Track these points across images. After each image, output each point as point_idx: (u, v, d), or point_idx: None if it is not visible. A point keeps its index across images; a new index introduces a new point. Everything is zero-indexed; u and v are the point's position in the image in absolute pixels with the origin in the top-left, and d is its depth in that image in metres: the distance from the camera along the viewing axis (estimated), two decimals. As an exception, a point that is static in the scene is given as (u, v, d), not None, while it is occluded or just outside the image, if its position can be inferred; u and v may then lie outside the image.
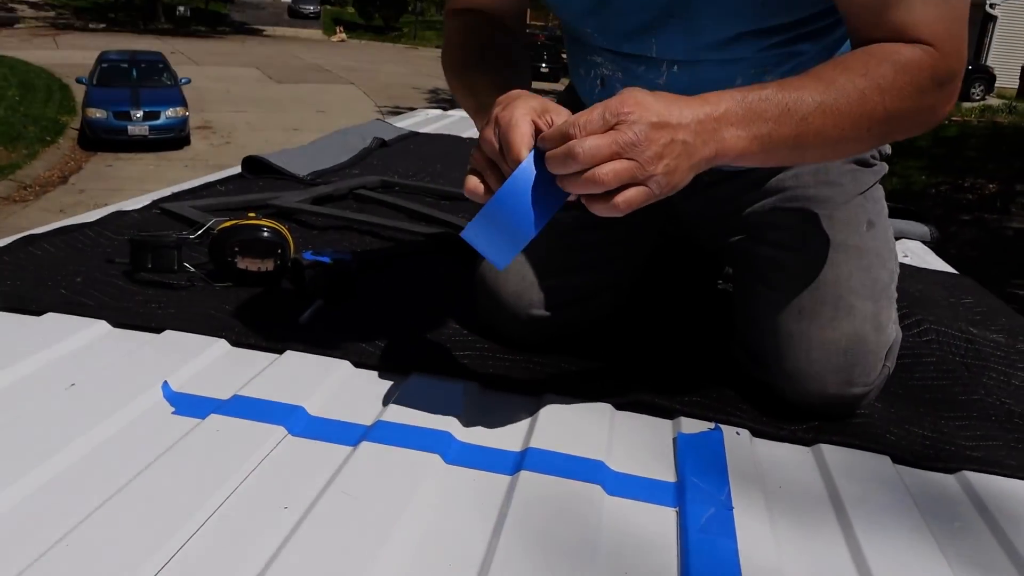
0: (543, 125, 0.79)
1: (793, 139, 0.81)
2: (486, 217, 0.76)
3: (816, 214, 1.09)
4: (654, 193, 0.75)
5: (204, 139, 14.68)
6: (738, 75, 1.03)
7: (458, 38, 1.10)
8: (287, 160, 2.20)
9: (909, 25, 0.85)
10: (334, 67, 25.21)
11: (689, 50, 1.01)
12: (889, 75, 0.83)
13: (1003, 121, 17.85)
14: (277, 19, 42.03)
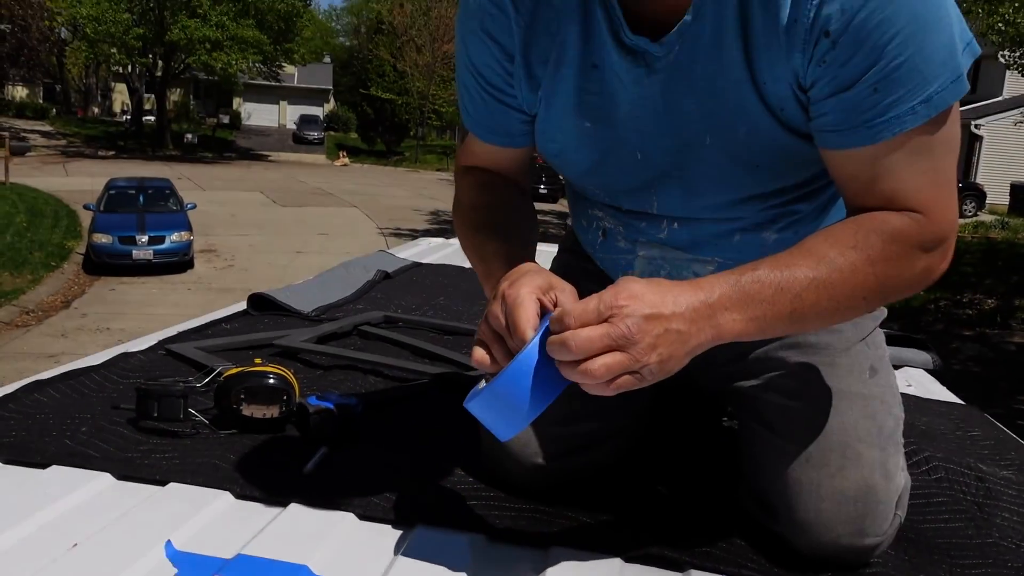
0: (548, 303, 0.82)
1: (789, 316, 0.83)
2: (492, 393, 0.78)
3: (818, 361, 1.10)
4: (647, 380, 0.77)
5: (208, 262, 14.90)
6: (737, 231, 1.05)
7: (468, 198, 1.14)
8: (292, 296, 2.22)
9: (899, 193, 0.87)
10: (337, 191, 25.82)
11: (688, 209, 1.05)
12: (878, 245, 0.85)
13: (997, 237, 18.13)
14: (282, 145, 43.29)
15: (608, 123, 1.00)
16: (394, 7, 38.26)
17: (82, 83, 49.94)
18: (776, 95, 0.90)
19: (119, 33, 31.33)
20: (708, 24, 0.89)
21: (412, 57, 36.25)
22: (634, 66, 0.94)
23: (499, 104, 1.07)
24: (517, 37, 1.00)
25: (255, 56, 34.66)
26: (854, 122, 0.86)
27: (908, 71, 0.82)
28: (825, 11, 0.82)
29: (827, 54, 0.84)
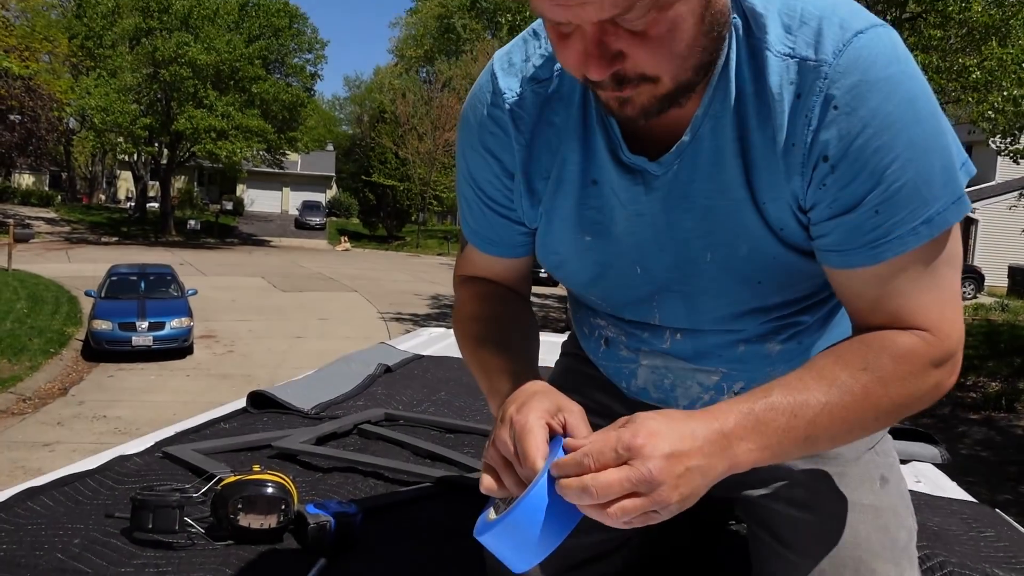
0: (557, 427, 0.81)
1: (803, 441, 0.82)
2: (504, 527, 0.76)
3: (828, 470, 1.08)
4: (665, 517, 0.76)
5: (207, 348, 14.87)
6: (740, 342, 1.05)
7: (469, 309, 1.13)
8: (291, 393, 2.20)
9: (904, 312, 0.87)
10: (338, 275, 25.97)
11: (691, 321, 1.04)
12: (888, 366, 0.85)
13: (997, 319, 18.13)
14: (284, 230, 43.80)
15: (608, 238, 1.00)
16: (396, 97, 39.19)
17: (88, 171, 50.81)
18: (777, 215, 0.90)
19: (126, 123, 32.07)
20: (706, 144, 0.90)
21: (414, 145, 36.94)
22: (633, 184, 0.95)
23: (499, 217, 1.07)
24: (518, 156, 1.00)
25: (259, 144, 35.40)
26: (857, 243, 0.86)
27: (909, 194, 0.83)
28: (823, 136, 0.83)
29: (827, 178, 0.85)
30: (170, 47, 32.03)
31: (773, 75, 0.85)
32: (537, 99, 0.98)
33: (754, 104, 0.87)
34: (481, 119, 1.02)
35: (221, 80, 33.88)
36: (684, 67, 0.80)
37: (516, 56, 1.01)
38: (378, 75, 57.04)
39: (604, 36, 0.76)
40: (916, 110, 0.83)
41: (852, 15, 0.84)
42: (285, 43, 38.50)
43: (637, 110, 0.83)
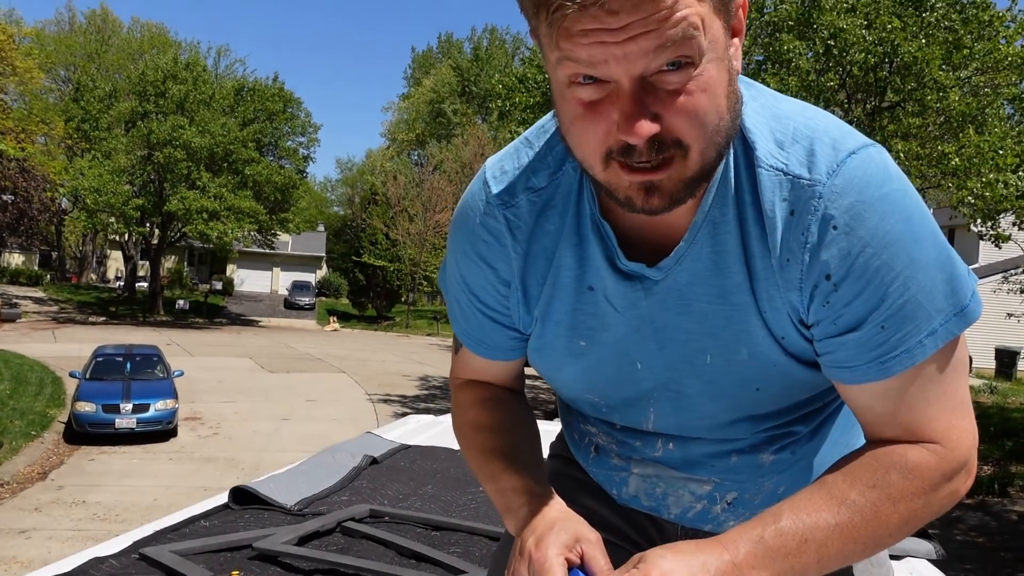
0: (575, 559, 0.83)
1: (816, 564, 0.82)
2: None
3: None
4: None
5: (192, 430, 14.65)
6: (733, 452, 1.03)
7: (471, 416, 1.12)
8: (275, 488, 2.16)
9: (915, 424, 0.87)
10: (326, 356, 25.82)
11: (684, 428, 1.02)
12: (899, 483, 0.84)
13: (987, 402, 18.11)
14: (273, 310, 43.74)
15: (603, 343, 0.99)
16: (388, 179, 39.73)
17: (78, 250, 50.90)
18: (777, 324, 0.90)
19: (119, 204, 32.28)
20: (706, 249, 0.90)
21: (405, 226, 37.27)
22: (631, 290, 0.94)
23: (493, 323, 1.06)
24: (515, 264, 0.99)
25: (251, 225, 35.64)
26: (865, 359, 0.86)
27: (913, 308, 0.83)
28: (824, 255, 0.84)
29: (830, 295, 0.85)
30: (165, 130, 32.50)
31: (766, 190, 0.86)
32: (533, 207, 0.97)
33: (752, 213, 0.87)
34: (475, 228, 1.00)
35: (215, 162, 34.28)
36: (712, 142, 0.79)
37: (509, 164, 1.00)
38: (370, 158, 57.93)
39: (643, 95, 0.75)
40: (913, 227, 0.84)
41: (843, 135, 0.86)
42: (279, 126, 39.17)
43: (665, 197, 0.81)
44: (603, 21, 0.70)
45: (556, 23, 0.72)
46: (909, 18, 14.79)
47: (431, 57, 59.03)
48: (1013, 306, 16.85)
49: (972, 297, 0.87)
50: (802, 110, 0.89)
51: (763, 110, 0.89)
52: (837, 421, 1.08)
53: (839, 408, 1.08)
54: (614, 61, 0.72)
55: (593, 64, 0.73)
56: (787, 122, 0.87)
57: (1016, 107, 16.64)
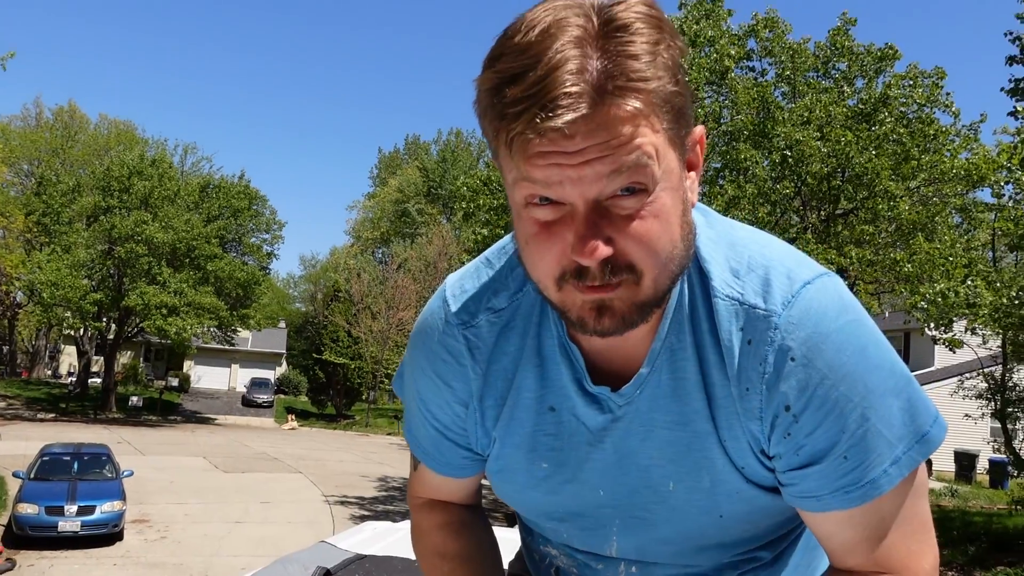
0: None
1: None
2: None
3: None
4: None
5: (139, 533, 14.09)
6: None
7: (433, 542, 1.11)
8: (220, 604, 2.04)
9: (879, 554, 0.87)
10: (283, 455, 25.21)
11: (649, 553, 1.00)
12: None
13: (948, 505, 18.13)
14: (230, 408, 42.88)
15: (567, 465, 0.97)
16: (351, 276, 39.76)
17: (31, 344, 49.79)
18: (738, 452, 0.90)
19: (76, 298, 31.81)
20: (665, 376, 0.90)
21: (367, 323, 37.10)
22: (600, 412, 0.94)
23: (448, 441, 1.04)
24: (474, 384, 0.98)
25: (211, 321, 35.24)
26: (829, 489, 0.86)
27: (874, 438, 0.84)
28: (783, 387, 0.84)
29: (791, 427, 0.85)
30: (128, 225, 32.39)
31: (723, 319, 0.86)
32: (493, 328, 0.97)
33: (710, 340, 0.88)
34: (434, 346, 1.00)
35: (176, 257, 34.13)
36: (665, 270, 0.80)
37: (469, 283, 1.00)
38: (334, 255, 58.12)
39: (597, 218, 0.75)
40: (868, 358, 0.84)
41: (798, 264, 0.87)
42: (244, 223, 39.27)
43: (615, 320, 0.80)
44: (560, 144, 0.71)
45: (514, 145, 0.73)
46: (861, 131, 15.44)
47: (397, 158, 60.12)
48: (970, 408, 17.06)
49: (935, 423, 0.87)
50: (756, 238, 0.91)
51: (718, 238, 0.90)
52: (798, 546, 1.07)
53: (802, 533, 1.07)
54: (569, 184, 0.73)
55: (549, 186, 0.74)
56: (742, 250, 0.89)
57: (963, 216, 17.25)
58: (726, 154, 16.82)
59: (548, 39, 0.71)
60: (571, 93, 0.70)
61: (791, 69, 16.91)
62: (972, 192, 17.01)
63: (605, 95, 0.70)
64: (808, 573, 1.11)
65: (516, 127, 0.72)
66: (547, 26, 0.72)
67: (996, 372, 15.51)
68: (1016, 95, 13.22)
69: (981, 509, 17.57)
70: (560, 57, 0.70)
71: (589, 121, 0.70)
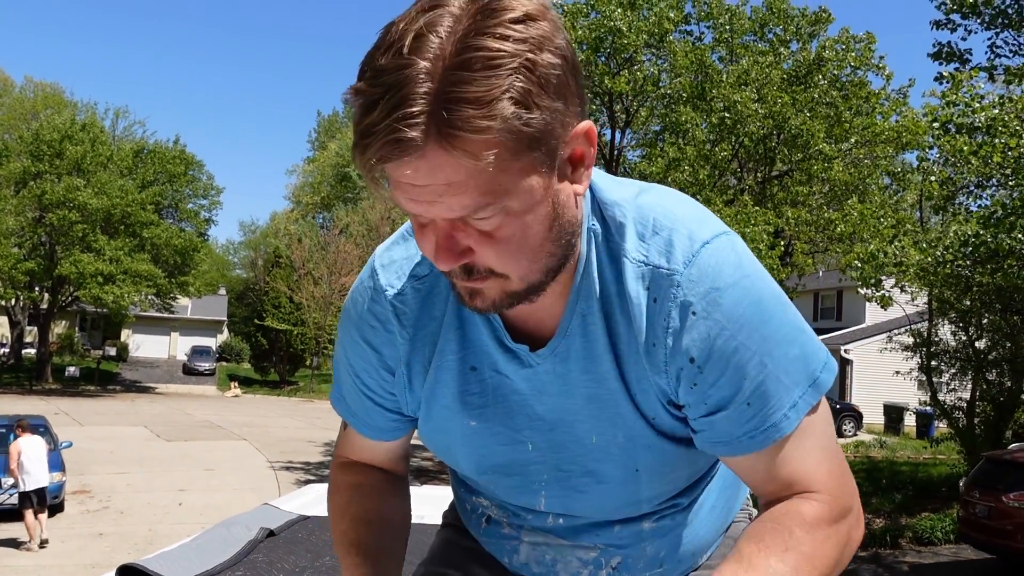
0: None
1: None
2: None
3: None
4: None
5: (80, 504, 13.91)
6: (617, 523, 1.10)
7: (343, 501, 1.14)
8: (164, 565, 2.09)
9: (797, 477, 0.94)
10: (226, 423, 24.99)
11: (574, 509, 1.08)
12: (806, 539, 0.89)
13: (877, 456, 18.83)
14: (171, 376, 42.19)
15: (494, 421, 1.03)
16: (292, 242, 39.19)
17: (-40, 315, 48.22)
18: (648, 405, 0.97)
19: (6, 268, 30.82)
20: (577, 340, 0.96)
21: (309, 289, 36.69)
22: (520, 367, 1.00)
23: (376, 406, 1.10)
24: (401, 350, 1.04)
25: (148, 289, 34.47)
26: (736, 434, 0.93)
27: (773, 384, 0.91)
28: (685, 340, 0.91)
29: (696, 377, 0.92)
30: (59, 191, 31.38)
31: (630, 280, 0.92)
32: (418, 295, 1.02)
33: (618, 303, 0.94)
34: (362, 314, 1.05)
35: (111, 224, 33.21)
36: (532, 269, 0.86)
37: (396, 253, 1.05)
38: (274, 220, 57.19)
39: (454, 231, 0.81)
40: (764, 309, 0.91)
41: (700, 224, 0.93)
42: (180, 189, 38.36)
43: (487, 303, 0.88)
44: (407, 178, 0.76)
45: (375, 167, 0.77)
46: (796, 93, 15.69)
47: (337, 121, 59.06)
48: (899, 364, 17.68)
49: (824, 368, 0.94)
50: (663, 201, 0.96)
51: (627, 203, 0.95)
52: (713, 488, 1.16)
53: (716, 477, 1.16)
54: (423, 208, 0.79)
55: (408, 204, 0.79)
56: (648, 214, 0.94)
57: (893, 178, 17.72)
58: (666, 117, 16.96)
59: (400, 68, 0.72)
60: (408, 140, 0.72)
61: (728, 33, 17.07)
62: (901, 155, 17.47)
63: (443, 139, 0.72)
64: (724, 513, 1.20)
65: (368, 156, 0.75)
66: (403, 48, 0.73)
67: (923, 328, 16.07)
68: (940, 59, 13.57)
69: (908, 459, 18.31)
70: (404, 94, 0.72)
71: (426, 164, 0.74)
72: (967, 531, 11.55)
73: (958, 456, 15.57)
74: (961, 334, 15.22)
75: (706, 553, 1.20)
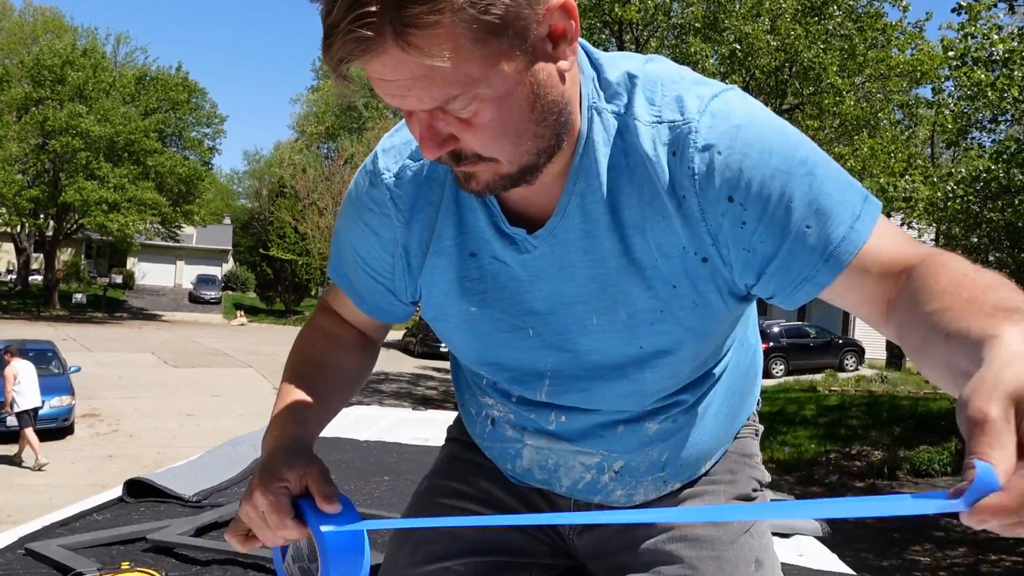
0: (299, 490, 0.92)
1: None
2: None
3: (707, 555, 1.11)
4: None
5: (90, 427, 14.11)
6: (620, 423, 1.09)
7: (308, 340, 1.17)
8: (172, 479, 2.12)
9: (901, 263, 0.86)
10: (232, 351, 25.22)
11: (576, 399, 1.07)
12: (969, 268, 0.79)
13: (878, 390, 18.97)
14: (177, 304, 42.44)
15: (493, 307, 1.04)
16: (297, 172, 38.90)
17: (-35, 242, 48.30)
18: (667, 273, 0.95)
19: (10, 195, 30.72)
20: (576, 220, 0.95)
21: (314, 220, 36.54)
22: (518, 252, 1.00)
23: (375, 283, 1.11)
24: (399, 233, 1.05)
25: (153, 218, 34.44)
26: (811, 262, 0.89)
27: (827, 201, 0.88)
28: (717, 181, 0.89)
29: (742, 215, 0.89)
30: (62, 118, 31.08)
31: (646, 141, 0.91)
32: (415, 179, 1.03)
33: (626, 175, 0.93)
34: (361, 196, 1.07)
35: (115, 152, 32.98)
36: (520, 151, 0.86)
37: (398, 138, 1.06)
38: (278, 150, 56.59)
39: (434, 121, 0.82)
40: (789, 137, 0.90)
41: (707, 84, 0.93)
42: (183, 117, 37.99)
43: (481, 186, 0.89)
44: (377, 73, 0.77)
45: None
46: (810, 25, 15.35)
47: (342, 49, 57.91)
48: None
49: (869, 194, 0.92)
50: (669, 67, 0.96)
51: (633, 73, 0.95)
52: (718, 392, 1.14)
53: (721, 381, 1.15)
54: (399, 100, 0.80)
55: (385, 98, 0.80)
56: (655, 79, 0.94)
57: (905, 112, 17.44)
58: (676, 48, 16.63)
59: None
60: (366, 39, 0.73)
61: (743, -41, 16.63)
62: (914, 89, 17.16)
63: (398, 38, 0.73)
64: (728, 421, 1.19)
65: (332, 55, 0.76)
66: None
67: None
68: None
69: (909, 394, 18.45)
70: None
71: (390, 60, 0.75)
72: (964, 465, 11.68)
73: (958, 392, 15.64)
74: (967, 271, 15.15)
75: (709, 461, 1.19)
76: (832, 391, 19.30)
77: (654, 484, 1.15)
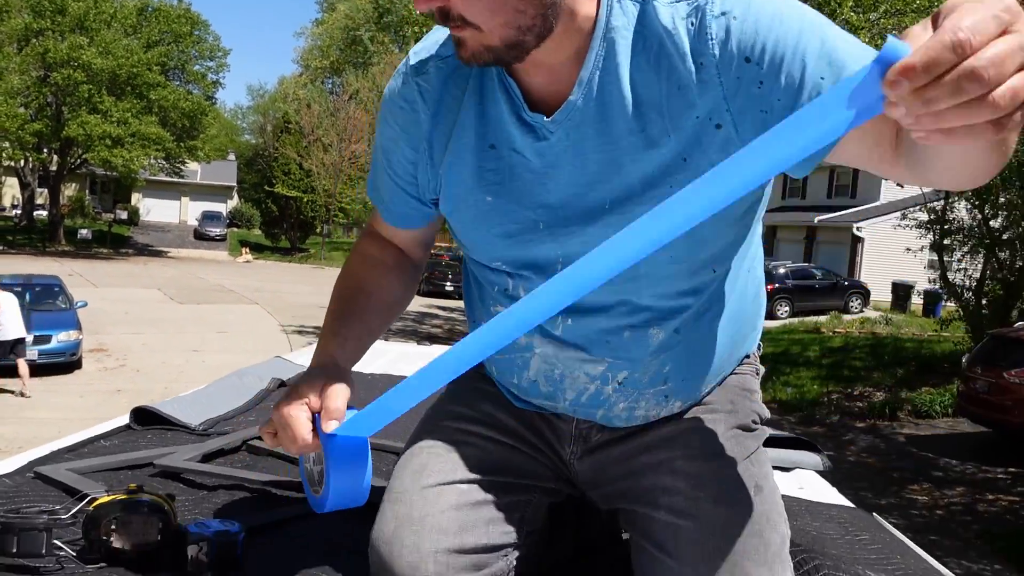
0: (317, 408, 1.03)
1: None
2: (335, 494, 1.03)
3: (704, 481, 1.11)
4: None
5: (97, 362, 14.27)
6: (626, 328, 1.11)
7: (353, 267, 1.25)
8: (178, 408, 2.13)
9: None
10: (238, 287, 25.32)
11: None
12: None
13: (882, 332, 19.02)
14: (182, 241, 42.51)
15: (508, 197, 1.07)
16: (301, 107, 38.56)
17: (-30, 176, 48.17)
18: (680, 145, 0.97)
19: (13, 128, 30.51)
20: (593, 102, 0.99)
21: (319, 156, 36.39)
22: (536, 140, 1.03)
23: (403, 192, 1.17)
24: (425, 127, 1.10)
25: (157, 153, 34.26)
26: None
27: (842, 54, 0.91)
28: (732, 43, 0.93)
29: (759, 75, 0.93)
30: (63, 50, 30.70)
31: (666, 20, 0.96)
32: (440, 74, 1.09)
33: (644, 55, 0.97)
34: (394, 97, 1.13)
35: (117, 86, 32.67)
36: (499, 22, 0.91)
37: (428, 40, 1.13)
38: (282, 85, 55.98)
39: None
40: (797, 2, 0.95)
41: None
42: (186, 50, 37.51)
43: (468, 54, 0.95)
44: None
45: None
46: (825, -43, 14.97)
47: (347, -20, 57.03)
48: (911, 242, 17.59)
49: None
50: None
51: None
52: (723, 309, 1.16)
53: (727, 297, 1.15)
54: None
55: None
56: None
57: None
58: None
59: None
60: None
61: None
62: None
63: None
64: (730, 347, 1.20)
65: None
66: None
67: (938, 206, 15.91)
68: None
69: (912, 336, 18.51)
70: None
71: None
72: (966, 405, 11.78)
73: (963, 334, 15.70)
74: (976, 212, 15.06)
75: (710, 384, 1.21)
76: (836, 332, 19.35)
77: (655, 398, 1.16)
